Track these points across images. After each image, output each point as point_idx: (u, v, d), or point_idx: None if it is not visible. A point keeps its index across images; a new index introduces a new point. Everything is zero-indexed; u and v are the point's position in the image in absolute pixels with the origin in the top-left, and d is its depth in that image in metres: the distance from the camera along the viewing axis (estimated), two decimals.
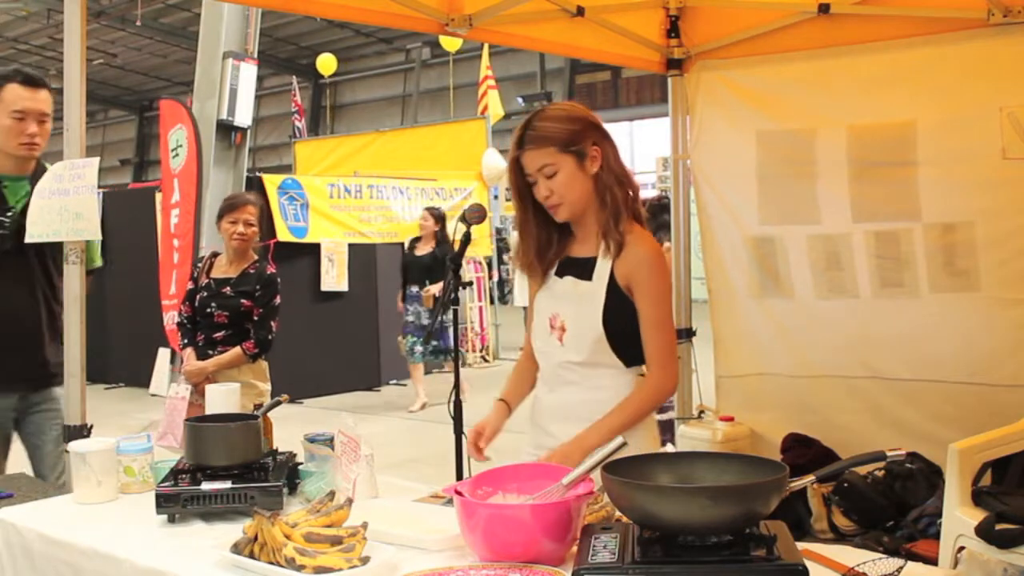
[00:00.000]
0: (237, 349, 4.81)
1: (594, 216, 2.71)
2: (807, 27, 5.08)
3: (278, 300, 4.94)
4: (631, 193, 2.71)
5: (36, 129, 3.67)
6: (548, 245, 2.79)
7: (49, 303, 3.85)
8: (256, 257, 5.00)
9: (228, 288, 4.86)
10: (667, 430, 7.07)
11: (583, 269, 2.72)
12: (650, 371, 2.67)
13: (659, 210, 7.37)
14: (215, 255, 5.08)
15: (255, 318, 4.85)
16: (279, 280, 4.99)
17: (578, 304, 2.69)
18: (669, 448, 2.37)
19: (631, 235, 2.66)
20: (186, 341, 4.97)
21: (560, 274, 2.78)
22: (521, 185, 2.72)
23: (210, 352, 4.85)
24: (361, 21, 5.67)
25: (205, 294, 4.90)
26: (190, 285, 5.02)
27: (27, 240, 3.42)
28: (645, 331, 2.65)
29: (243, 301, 4.84)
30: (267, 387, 4.98)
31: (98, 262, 4.09)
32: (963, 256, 4.84)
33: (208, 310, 4.86)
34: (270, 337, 4.89)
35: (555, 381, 2.79)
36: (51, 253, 3.74)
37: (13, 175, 3.74)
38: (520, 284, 13.94)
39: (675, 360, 2.70)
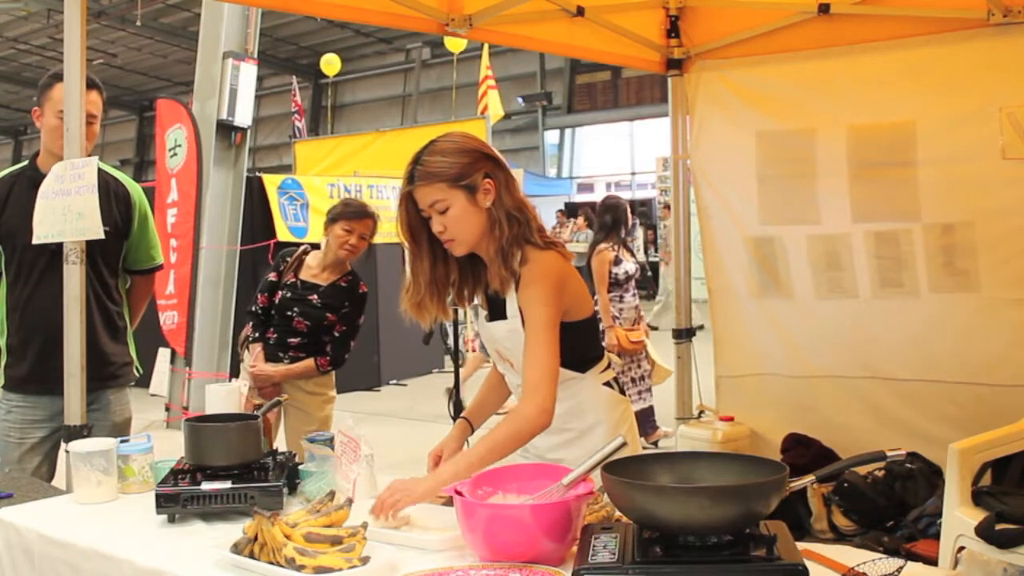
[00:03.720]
0: (310, 362, 4.60)
1: (486, 249, 2.65)
2: (807, 27, 5.09)
3: (362, 320, 4.75)
4: (527, 222, 2.62)
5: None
6: (445, 280, 2.71)
7: (102, 300, 3.75)
8: (350, 269, 4.73)
9: (316, 296, 4.62)
10: (648, 417, 7.09)
11: (500, 310, 2.68)
12: (521, 399, 2.55)
13: (604, 210, 7.36)
14: (306, 252, 4.79)
15: (336, 334, 4.64)
16: (367, 300, 4.76)
17: (510, 341, 2.66)
18: (663, 429, 2.33)
19: (524, 264, 2.58)
20: (256, 335, 4.70)
21: (490, 317, 2.74)
22: (413, 221, 2.64)
23: (280, 354, 4.63)
24: (361, 21, 5.68)
25: (289, 294, 4.64)
26: (272, 276, 4.72)
27: (33, 241, 3.42)
28: (524, 355, 2.54)
29: (328, 314, 4.61)
30: (334, 393, 4.83)
31: (159, 260, 4.07)
32: (963, 256, 4.85)
33: (289, 313, 4.62)
34: (346, 356, 4.70)
35: (519, 396, 2.76)
36: (99, 251, 3.65)
37: None
38: None
39: (549, 389, 2.50)
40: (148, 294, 4.15)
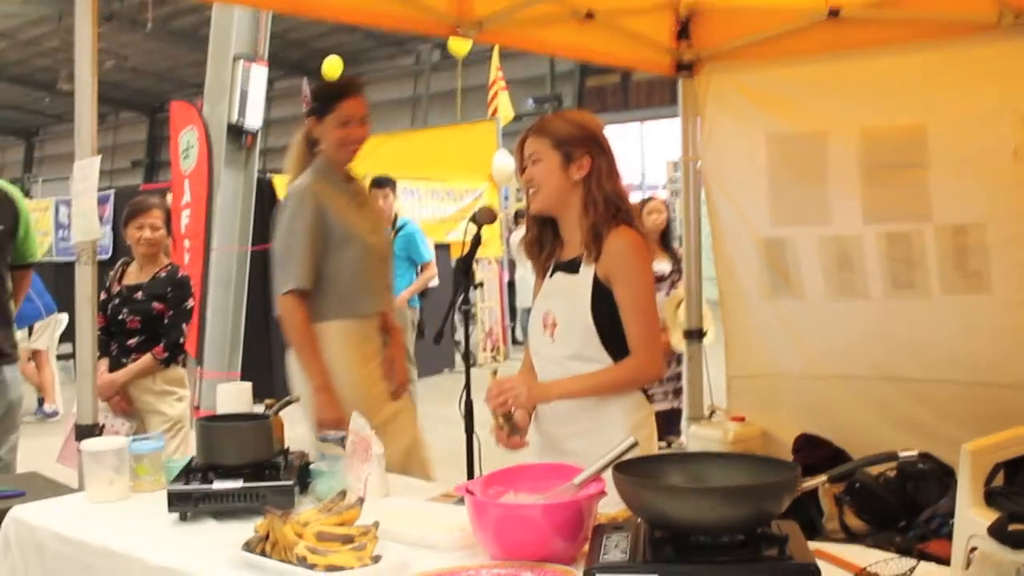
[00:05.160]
0: (147, 356, 4.62)
1: (577, 224, 2.79)
2: (817, 30, 5.07)
3: (191, 303, 4.80)
4: (620, 210, 2.78)
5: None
6: (543, 239, 2.90)
7: (2, 292, 4.33)
8: (168, 261, 4.83)
9: (140, 293, 4.69)
10: (674, 420, 7.01)
11: (571, 266, 2.81)
12: (634, 353, 2.72)
13: None
14: (127, 263, 4.87)
15: (165, 321, 4.67)
16: (191, 282, 4.85)
17: (567, 297, 2.78)
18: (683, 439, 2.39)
19: (610, 238, 2.72)
20: (99, 353, 4.59)
21: (552, 275, 2.88)
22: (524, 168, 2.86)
23: (124, 361, 4.66)
24: (372, 24, 5.67)
25: (117, 301, 4.72)
26: (103, 295, 4.73)
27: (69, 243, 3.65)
28: (625, 318, 2.70)
29: (155, 304, 4.65)
30: (186, 392, 4.81)
31: (38, 256, 4.66)
32: (974, 257, 4.83)
33: (120, 317, 4.66)
34: (181, 340, 4.72)
35: (548, 380, 2.84)
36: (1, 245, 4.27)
37: None
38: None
39: (659, 345, 2.76)
40: (28, 286, 4.71)
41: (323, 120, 3.68)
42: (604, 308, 2.71)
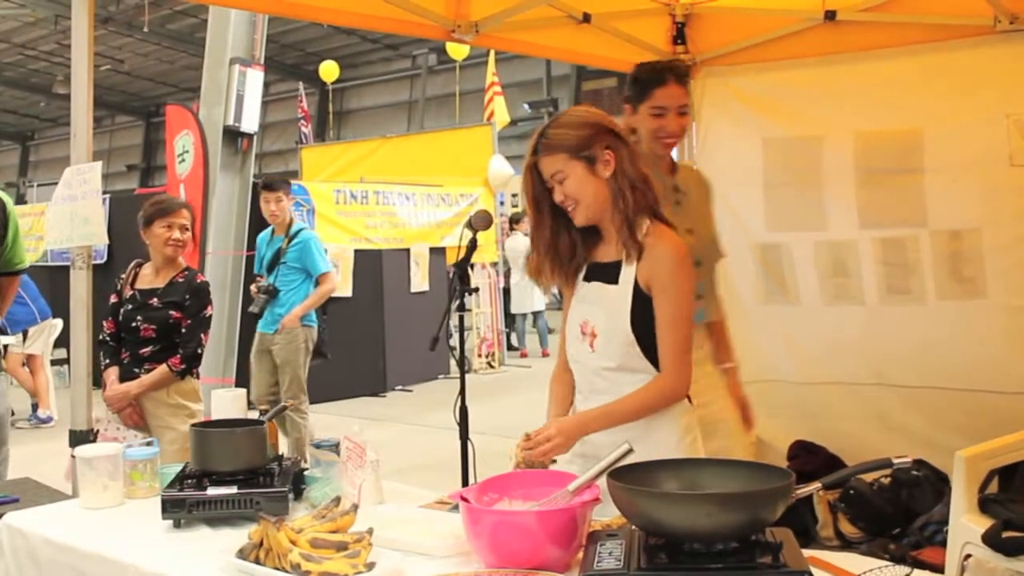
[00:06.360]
0: (163, 367, 4.35)
1: (611, 220, 2.70)
2: (813, 34, 5.09)
3: (209, 311, 4.53)
4: (650, 195, 2.69)
5: None
6: (569, 250, 2.78)
7: None
8: (185, 265, 4.58)
9: (155, 299, 4.42)
10: None
11: (609, 274, 2.71)
12: (662, 371, 2.64)
13: None
14: (140, 264, 4.61)
15: (183, 330, 4.42)
16: (210, 289, 4.62)
17: (606, 309, 2.68)
18: None
19: (651, 236, 2.64)
20: (108, 361, 4.47)
21: (588, 279, 2.77)
22: (537, 191, 2.72)
23: (136, 370, 4.39)
24: (368, 28, 5.68)
25: (130, 307, 4.44)
26: (113, 299, 4.52)
27: (46, 247, 3.59)
28: (660, 329, 2.62)
29: (172, 312, 4.40)
30: (200, 407, 4.51)
31: (27, 262, 4.65)
32: (970, 263, 4.84)
33: (133, 324, 4.39)
34: (199, 351, 4.46)
35: (588, 389, 2.77)
36: None
37: None
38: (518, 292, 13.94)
39: (688, 362, 2.65)
40: (14, 293, 4.69)
41: (637, 109, 3.42)
42: (645, 318, 2.64)
